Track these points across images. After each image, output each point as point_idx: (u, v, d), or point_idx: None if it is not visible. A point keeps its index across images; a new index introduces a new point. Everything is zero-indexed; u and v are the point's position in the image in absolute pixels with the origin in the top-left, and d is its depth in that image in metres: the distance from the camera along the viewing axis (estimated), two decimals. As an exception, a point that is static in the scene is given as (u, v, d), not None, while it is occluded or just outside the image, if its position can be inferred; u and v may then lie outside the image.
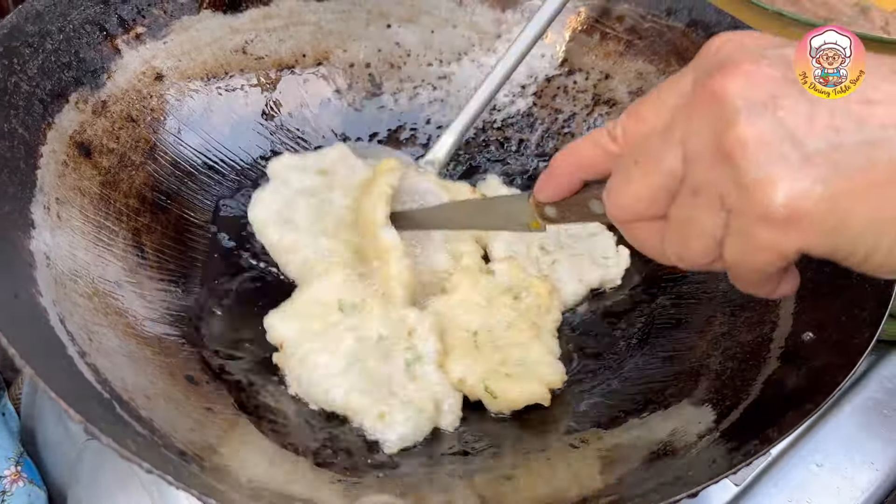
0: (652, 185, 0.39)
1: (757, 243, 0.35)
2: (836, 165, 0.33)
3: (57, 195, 0.57)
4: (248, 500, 0.43)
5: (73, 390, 0.43)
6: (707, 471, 0.45)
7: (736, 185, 0.35)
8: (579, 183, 0.46)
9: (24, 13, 0.61)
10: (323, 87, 0.81)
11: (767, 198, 0.34)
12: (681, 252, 0.40)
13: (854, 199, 0.33)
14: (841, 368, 0.49)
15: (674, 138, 0.38)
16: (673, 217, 0.39)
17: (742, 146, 0.34)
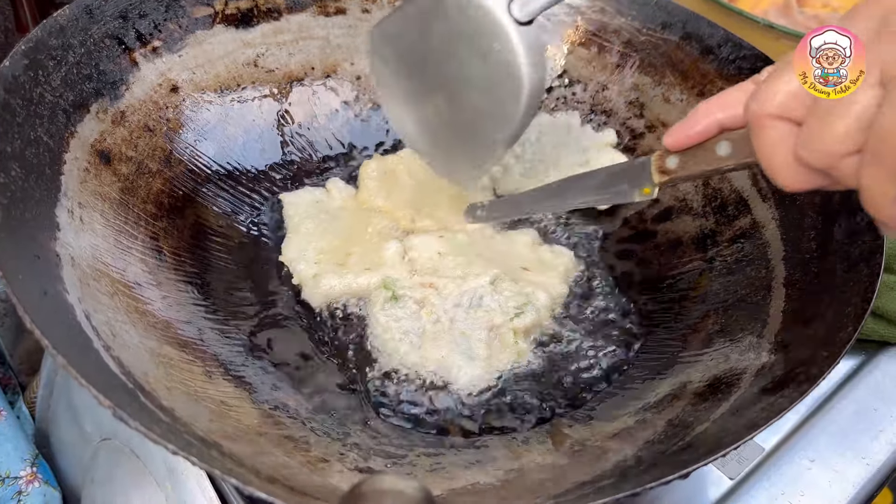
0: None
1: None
2: None
3: (79, 200, 0.60)
4: (265, 484, 0.45)
5: (101, 380, 0.45)
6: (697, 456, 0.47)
7: None
8: (717, 127, 0.48)
9: (48, 28, 0.64)
10: (331, 99, 0.84)
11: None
12: (820, 139, 0.39)
13: None
14: (826, 360, 0.51)
15: None
16: (819, 105, 0.39)
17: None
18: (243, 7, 0.79)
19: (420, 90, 0.66)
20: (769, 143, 0.43)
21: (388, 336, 0.65)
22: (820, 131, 0.40)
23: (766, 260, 0.66)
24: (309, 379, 0.63)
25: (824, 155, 0.40)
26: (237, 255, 0.72)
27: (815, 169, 0.41)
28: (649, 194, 0.55)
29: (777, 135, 0.42)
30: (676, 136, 0.50)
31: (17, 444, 0.79)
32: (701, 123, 0.49)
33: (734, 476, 0.67)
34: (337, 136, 0.84)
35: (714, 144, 0.48)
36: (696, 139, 0.49)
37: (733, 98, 0.47)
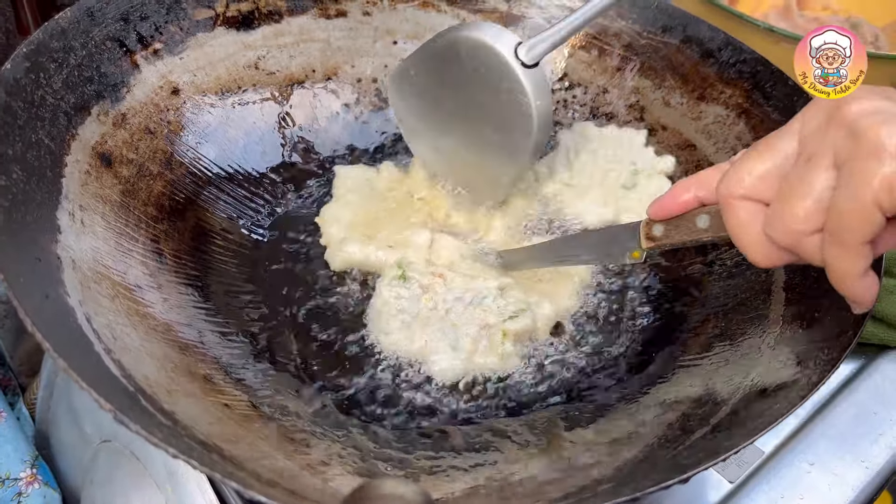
0: (769, 162, 0.44)
1: (867, 178, 0.38)
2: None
3: (80, 202, 0.60)
4: (265, 487, 0.45)
5: (102, 383, 0.45)
6: (697, 460, 0.47)
7: (851, 135, 0.39)
8: (695, 202, 0.52)
9: (49, 30, 0.64)
10: (332, 101, 0.84)
11: (882, 136, 0.38)
12: (781, 219, 0.43)
13: None
14: (827, 364, 0.51)
15: (792, 129, 0.43)
16: (781, 188, 0.43)
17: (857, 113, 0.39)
18: (244, 9, 0.79)
19: (439, 125, 0.74)
20: (738, 223, 0.46)
21: (385, 310, 0.67)
22: (783, 212, 0.43)
23: (766, 265, 0.67)
24: (309, 382, 0.63)
25: (788, 234, 0.43)
26: (238, 257, 0.72)
27: (783, 248, 0.44)
28: (638, 258, 0.59)
29: (745, 215, 0.45)
30: (657, 207, 0.54)
31: (16, 445, 0.79)
32: (680, 199, 0.52)
33: (734, 479, 0.67)
34: (338, 139, 0.84)
35: (695, 217, 0.52)
36: (676, 212, 0.53)
37: (710, 177, 0.50)
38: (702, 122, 0.79)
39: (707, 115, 0.79)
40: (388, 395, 0.63)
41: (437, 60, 0.69)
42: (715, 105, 0.79)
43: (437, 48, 0.68)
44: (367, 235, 0.74)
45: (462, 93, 0.69)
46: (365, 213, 0.77)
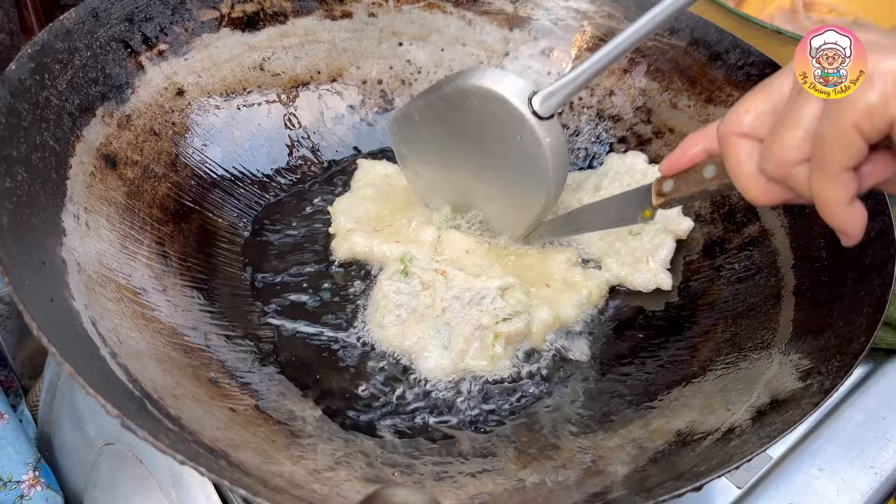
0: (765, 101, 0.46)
1: (849, 104, 0.39)
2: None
3: (85, 205, 0.60)
4: (273, 494, 0.44)
5: (108, 388, 0.45)
6: (709, 468, 0.46)
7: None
8: (703, 153, 0.54)
9: (54, 31, 0.63)
10: (337, 103, 0.84)
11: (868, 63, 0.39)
12: (772, 150, 0.44)
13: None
14: (838, 370, 0.51)
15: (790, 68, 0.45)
16: (775, 121, 0.44)
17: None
18: (249, 10, 0.79)
19: (445, 170, 0.73)
20: (736, 159, 0.47)
21: (383, 303, 0.67)
22: (774, 143, 0.44)
23: (775, 268, 0.66)
24: (314, 386, 0.63)
25: (779, 164, 0.44)
26: (243, 260, 0.71)
27: (776, 180, 0.46)
28: (649, 217, 0.61)
29: (743, 152, 0.47)
30: (668, 162, 0.56)
31: (19, 447, 0.79)
32: (689, 152, 0.55)
33: (742, 485, 0.67)
34: (343, 140, 0.84)
35: (702, 168, 0.54)
36: (686, 164, 0.55)
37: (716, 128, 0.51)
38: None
39: (715, 118, 0.78)
40: (392, 400, 0.63)
41: (445, 107, 0.67)
42: (723, 108, 0.78)
43: (445, 94, 0.66)
44: (375, 229, 0.75)
45: (472, 140, 0.68)
46: (377, 208, 0.77)
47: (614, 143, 0.85)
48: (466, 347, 0.65)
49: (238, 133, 0.77)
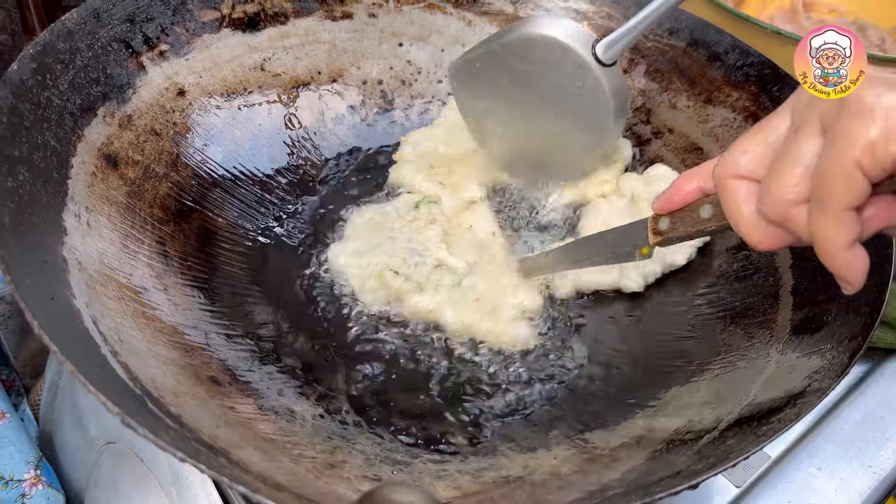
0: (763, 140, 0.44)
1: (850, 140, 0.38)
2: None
3: (86, 204, 0.60)
4: (273, 491, 0.45)
5: (109, 386, 0.45)
6: (706, 466, 0.47)
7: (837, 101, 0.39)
8: (698, 192, 0.52)
9: (55, 31, 0.64)
10: (337, 103, 0.84)
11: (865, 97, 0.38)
12: (770, 191, 0.42)
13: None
14: (835, 370, 0.51)
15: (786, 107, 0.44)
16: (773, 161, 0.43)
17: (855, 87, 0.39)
18: (250, 11, 0.79)
19: (507, 116, 0.74)
20: (734, 203, 0.46)
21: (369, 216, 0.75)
22: (772, 183, 0.43)
23: (773, 268, 0.66)
24: (314, 384, 0.63)
25: (777, 204, 0.42)
26: (243, 259, 0.72)
27: (775, 222, 0.44)
28: (647, 255, 0.59)
29: (740, 194, 0.46)
30: (662, 201, 0.55)
31: (20, 446, 0.79)
32: (683, 190, 0.53)
33: (740, 484, 0.67)
34: (343, 141, 0.84)
35: (698, 207, 0.52)
36: (680, 204, 0.54)
37: (711, 167, 0.50)
38: (709, 125, 0.79)
39: (714, 118, 0.79)
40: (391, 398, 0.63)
41: (508, 55, 0.68)
42: (722, 108, 0.78)
43: (509, 43, 0.68)
44: (430, 165, 0.79)
45: (534, 87, 0.69)
46: (446, 148, 0.82)
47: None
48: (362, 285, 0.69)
49: (239, 133, 0.77)
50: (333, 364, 0.65)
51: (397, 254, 0.70)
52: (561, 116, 0.70)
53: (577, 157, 0.74)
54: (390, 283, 0.69)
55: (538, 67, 0.67)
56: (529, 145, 0.76)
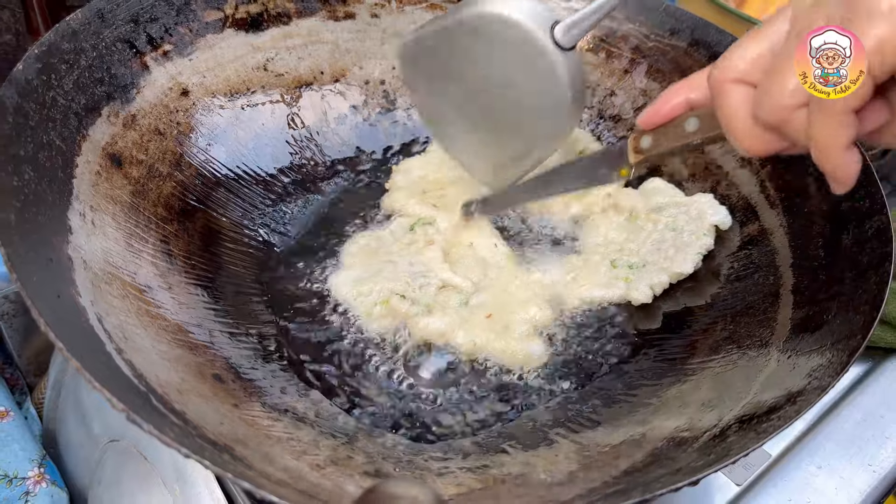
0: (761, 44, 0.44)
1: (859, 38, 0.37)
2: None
3: (91, 203, 0.60)
4: (276, 487, 0.45)
5: (114, 383, 0.45)
6: (706, 463, 0.47)
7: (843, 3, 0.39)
8: (685, 105, 0.52)
9: (60, 31, 0.64)
10: (340, 103, 0.85)
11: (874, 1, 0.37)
12: (769, 95, 0.42)
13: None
14: (835, 368, 0.51)
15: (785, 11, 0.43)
16: (772, 64, 0.42)
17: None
18: (253, 11, 0.80)
19: (457, 98, 0.69)
20: (730, 107, 0.45)
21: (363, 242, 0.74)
22: (772, 87, 0.42)
23: (774, 267, 0.67)
24: (316, 382, 0.64)
25: (777, 109, 0.42)
26: (247, 258, 0.72)
27: (771, 127, 0.43)
28: (626, 175, 0.58)
29: (737, 98, 0.45)
30: (648, 115, 0.54)
31: (24, 444, 0.79)
32: (670, 103, 0.52)
33: (741, 482, 0.68)
34: (346, 140, 0.84)
35: (683, 122, 0.51)
36: (667, 117, 0.53)
37: (700, 78, 0.50)
38: (709, 125, 0.79)
39: (715, 118, 0.79)
40: (392, 397, 0.64)
41: (462, 34, 0.63)
42: (723, 108, 0.78)
43: (462, 20, 0.63)
44: (423, 190, 0.78)
45: (488, 69, 0.64)
46: (437, 173, 0.80)
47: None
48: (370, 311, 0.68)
49: (242, 133, 0.78)
50: (333, 363, 0.66)
51: (400, 278, 0.69)
52: (515, 100, 0.65)
53: (531, 143, 0.68)
54: (397, 308, 0.67)
55: (493, 48, 0.62)
56: (482, 130, 0.70)
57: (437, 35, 0.65)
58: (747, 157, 0.45)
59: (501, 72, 0.64)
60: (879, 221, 0.60)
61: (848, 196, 0.64)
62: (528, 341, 0.67)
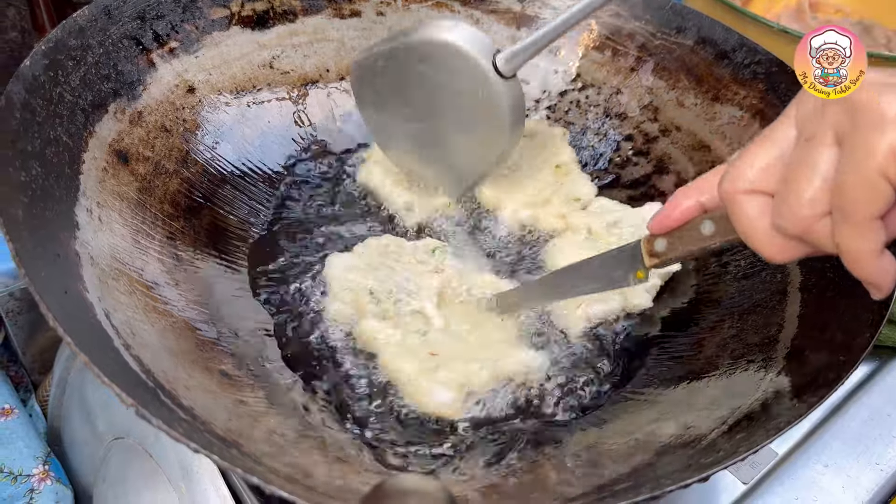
0: (769, 152, 0.43)
1: (870, 149, 0.37)
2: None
3: (98, 199, 0.60)
4: (284, 482, 0.45)
5: (123, 379, 0.45)
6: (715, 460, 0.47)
7: (849, 109, 0.38)
8: (697, 209, 0.50)
9: (67, 28, 0.64)
10: (345, 101, 0.85)
11: (881, 105, 0.37)
12: (788, 206, 0.41)
13: None
14: (844, 365, 0.51)
15: (789, 116, 0.42)
16: (785, 174, 0.41)
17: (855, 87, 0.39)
18: (259, 9, 0.80)
19: (404, 117, 0.73)
20: (747, 219, 0.44)
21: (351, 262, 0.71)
22: (789, 198, 0.41)
23: (781, 265, 0.66)
24: (324, 379, 0.63)
25: (798, 221, 0.41)
26: (253, 255, 0.72)
27: (793, 237, 0.42)
28: (643, 278, 0.56)
29: (753, 209, 0.43)
30: (658, 220, 0.52)
31: (29, 442, 0.79)
32: (680, 207, 0.50)
33: (747, 481, 0.68)
34: (351, 138, 0.84)
35: (698, 224, 0.49)
36: (678, 221, 0.51)
37: (710, 181, 0.49)
38: (716, 123, 0.79)
39: (722, 116, 0.79)
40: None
41: (409, 57, 0.68)
42: (729, 106, 0.78)
43: (411, 45, 0.67)
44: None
45: (433, 90, 0.68)
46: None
47: (621, 141, 0.85)
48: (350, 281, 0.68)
49: (248, 130, 0.78)
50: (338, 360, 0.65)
51: (386, 283, 0.68)
52: (458, 122, 0.69)
53: (472, 161, 0.73)
54: (359, 302, 0.67)
55: (439, 72, 0.67)
56: (426, 145, 0.74)
57: (388, 55, 0.69)
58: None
59: (446, 95, 0.68)
60: (888, 219, 0.60)
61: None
62: (441, 386, 0.61)
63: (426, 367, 0.62)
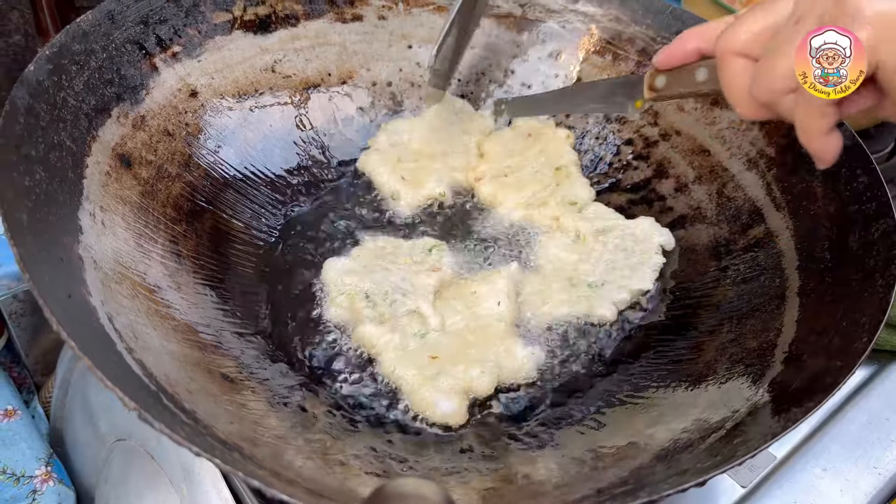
0: (765, 21, 0.47)
1: None
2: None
3: (101, 203, 0.61)
4: (286, 486, 0.45)
5: (126, 382, 0.46)
6: (713, 464, 0.47)
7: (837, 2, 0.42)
8: (697, 53, 0.56)
9: (71, 33, 0.65)
10: (347, 105, 0.85)
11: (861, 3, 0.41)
12: (763, 77, 0.46)
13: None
14: (841, 370, 0.51)
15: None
16: (770, 46, 0.46)
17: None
18: (261, 13, 0.80)
19: None
20: (730, 76, 0.50)
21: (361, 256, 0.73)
22: (765, 71, 0.47)
23: (780, 269, 0.67)
24: (325, 383, 0.64)
25: (768, 91, 0.47)
26: (254, 259, 0.72)
27: (763, 104, 0.48)
28: (640, 107, 0.64)
29: (737, 69, 0.50)
30: (663, 55, 0.58)
31: (31, 443, 0.80)
32: (683, 48, 0.56)
33: (746, 484, 0.68)
34: (353, 142, 0.85)
35: (694, 70, 0.56)
36: (680, 61, 0.57)
37: (713, 30, 0.54)
38: (716, 127, 0.80)
39: (721, 121, 0.79)
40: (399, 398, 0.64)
41: None
42: (729, 110, 0.79)
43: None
44: (399, 159, 0.81)
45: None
46: (421, 142, 0.83)
47: (621, 145, 0.85)
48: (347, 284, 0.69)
49: (250, 134, 0.78)
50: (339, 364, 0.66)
51: (383, 285, 0.68)
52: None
53: None
54: (356, 306, 0.67)
55: None
56: None
57: None
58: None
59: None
60: (886, 224, 0.61)
61: (854, 199, 0.64)
62: (444, 396, 0.61)
63: (427, 375, 0.62)
